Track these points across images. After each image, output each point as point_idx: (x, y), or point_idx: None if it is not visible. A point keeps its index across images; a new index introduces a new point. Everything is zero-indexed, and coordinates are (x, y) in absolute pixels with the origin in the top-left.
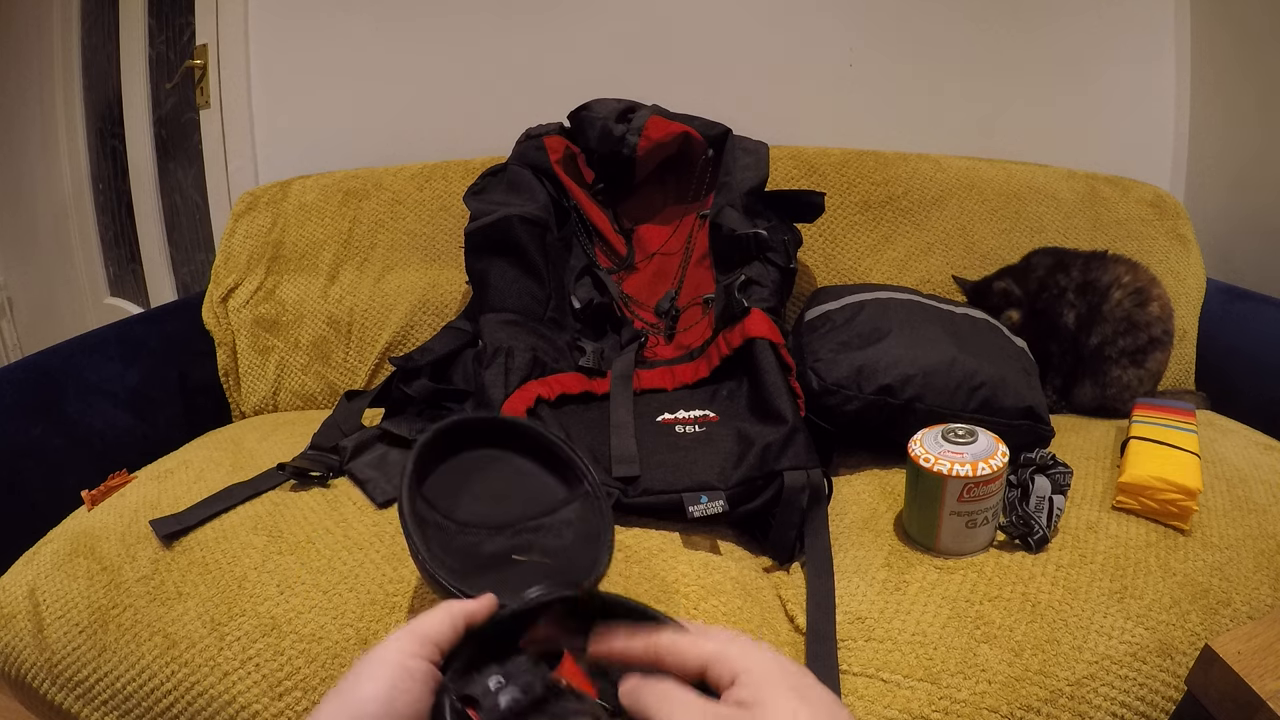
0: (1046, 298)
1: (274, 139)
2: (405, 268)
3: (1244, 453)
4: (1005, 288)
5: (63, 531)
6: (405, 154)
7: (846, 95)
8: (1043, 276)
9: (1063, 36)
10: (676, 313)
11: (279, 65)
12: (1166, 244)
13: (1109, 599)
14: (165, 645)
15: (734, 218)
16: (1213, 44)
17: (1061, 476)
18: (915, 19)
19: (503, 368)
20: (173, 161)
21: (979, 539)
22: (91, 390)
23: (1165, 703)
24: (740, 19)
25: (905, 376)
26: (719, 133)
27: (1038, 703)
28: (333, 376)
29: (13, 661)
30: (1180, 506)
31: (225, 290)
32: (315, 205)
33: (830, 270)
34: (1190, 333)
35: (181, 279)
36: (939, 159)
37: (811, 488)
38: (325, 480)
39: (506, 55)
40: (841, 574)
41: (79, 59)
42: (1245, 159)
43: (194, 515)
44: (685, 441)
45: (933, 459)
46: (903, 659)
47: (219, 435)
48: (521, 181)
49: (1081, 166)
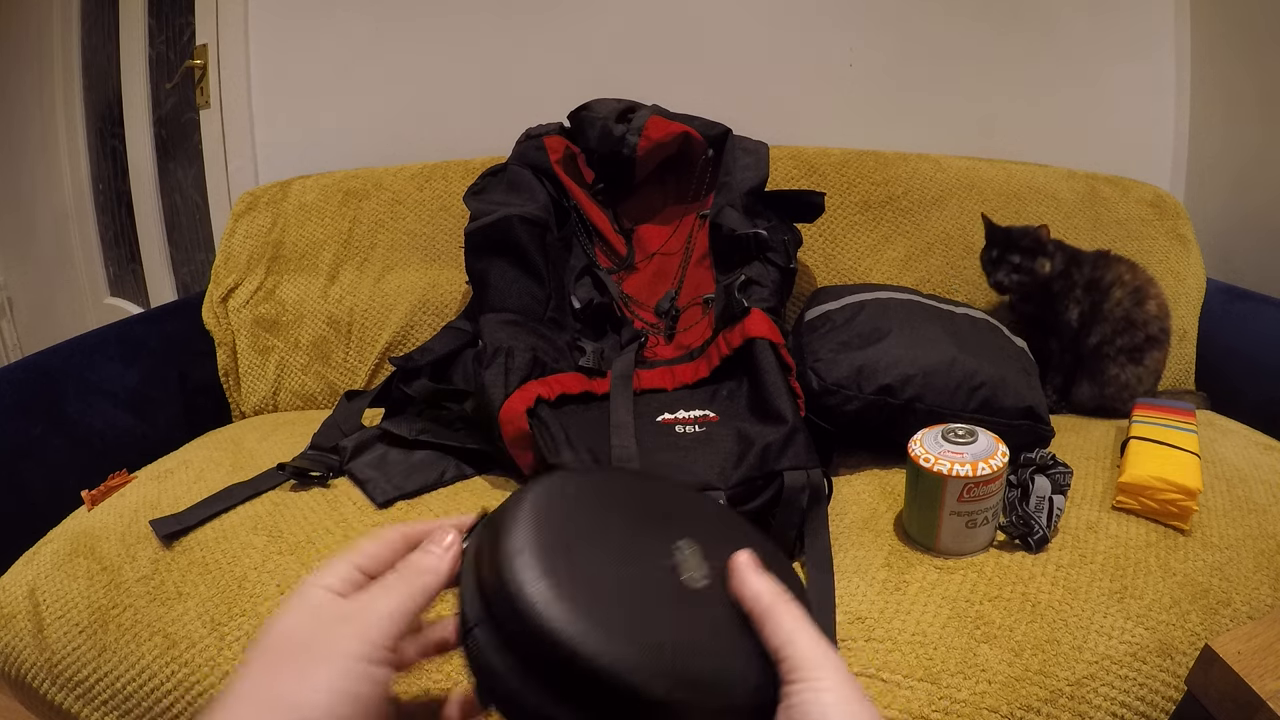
0: (1060, 287)
1: (274, 139)
2: (405, 268)
3: (1244, 453)
4: (1047, 234)
5: (63, 531)
6: (405, 154)
7: (846, 95)
8: (1062, 267)
9: (1063, 36)
10: (676, 313)
11: (279, 65)
12: (1166, 244)
13: (1109, 599)
14: (165, 645)
15: (734, 218)
16: (1213, 44)
17: (1061, 476)
18: (915, 19)
19: (503, 368)
20: (173, 161)
21: (979, 539)
22: (91, 390)
23: (1165, 703)
24: (740, 19)
25: (905, 376)
26: (719, 133)
27: (1038, 703)
28: (333, 376)
29: (13, 661)
30: (1180, 506)
31: (225, 290)
32: (315, 205)
33: (830, 270)
34: (1190, 333)
35: (181, 279)
36: (939, 159)
37: (811, 488)
38: (325, 480)
39: (506, 55)
40: (841, 574)
41: (79, 59)
42: (1245, 159)
43: (194, 515)
44: (685, 441)
45: (933, 459)
46: (903, 659)
47: (219, 435)
48: (521, 181)
49: (1081, 166)
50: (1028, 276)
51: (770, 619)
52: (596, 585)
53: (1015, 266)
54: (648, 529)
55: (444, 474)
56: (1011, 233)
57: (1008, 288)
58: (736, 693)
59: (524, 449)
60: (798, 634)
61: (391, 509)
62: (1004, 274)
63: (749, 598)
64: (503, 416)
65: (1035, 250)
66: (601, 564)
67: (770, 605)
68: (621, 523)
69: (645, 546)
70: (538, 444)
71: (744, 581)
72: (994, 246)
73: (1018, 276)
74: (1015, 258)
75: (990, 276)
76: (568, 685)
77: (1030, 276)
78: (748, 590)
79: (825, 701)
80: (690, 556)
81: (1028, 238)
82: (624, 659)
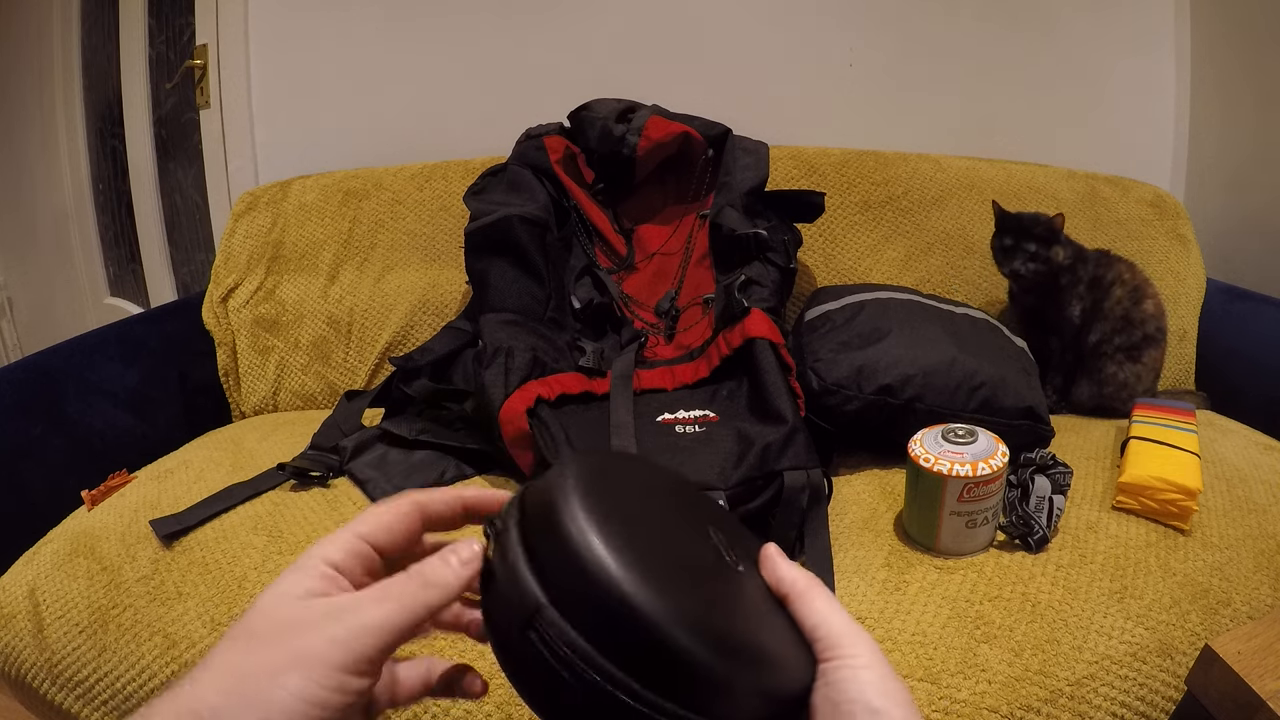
0: (1066, 281)
1: (274, 139)
2: (405, 268)
3: (1244, 453)
4: (1061, 223)
5: (63, 531)
6: (405, 154)
7: (846, 95)
8: (1070, 261)
9: (1063, 36)
10: (676, 313)
11: (279, 65)
12: (1166, 244)
13: (1109, 599)
14: (165, 645)
15: (734, 218)
16: (1213, 44)
17: (1061, 476)
18: (915, 19)
19: (503, 368)
20: (173, 161)
21: (979, 539)
22: (91, 390)
23: (1165, 703)
24: (740, 19)
25: (905, 376)
26: (719, 133)
27: (1038, 703)
28: (333, 376)
29: (13, 661)
30: (1180, 506)
31: (225, 290)
32: (315, 205)
33: (830, 270)
34: (1190, 333)
35: (181, 279)
36: (939, 159)
37: (811, 488)
38: (325, 480)
39: (506, 55)
40: (841, 574)
41: (79, 59)
42: (1245, 159)
43: (194, 515)
44: (685, 441)
45: (933, 459)
46: (903, 659)
47: (219, 435)
48: (521, 181)
49: (1081, 166)
50: (1044, 265)
51: (805, 600)
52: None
53: (1032, 255)
54: (683, 512)
55: (444, 474)
56: (1023, 219)
57: (1024, 276)
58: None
59: (524, 449)
60: (832, 614)
61: None
62: (1020, 262)
63: (785, 580)
64: (503, 416)
65: (1049, 239)
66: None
67: (806, 588)
68: (660, 504)
69: (687, 528)
70: (538, 444)
71: (777, 566)
72: (1006, 234)
73: (1034, 265)
74: (1031, 246)
75: (1004, 266)
76: (643, 660)
77: (1046, 265)
78: (784, 573)
79: (863, 680)
80: (721, 542)
81: (1040, 225)
82: (699, 635)
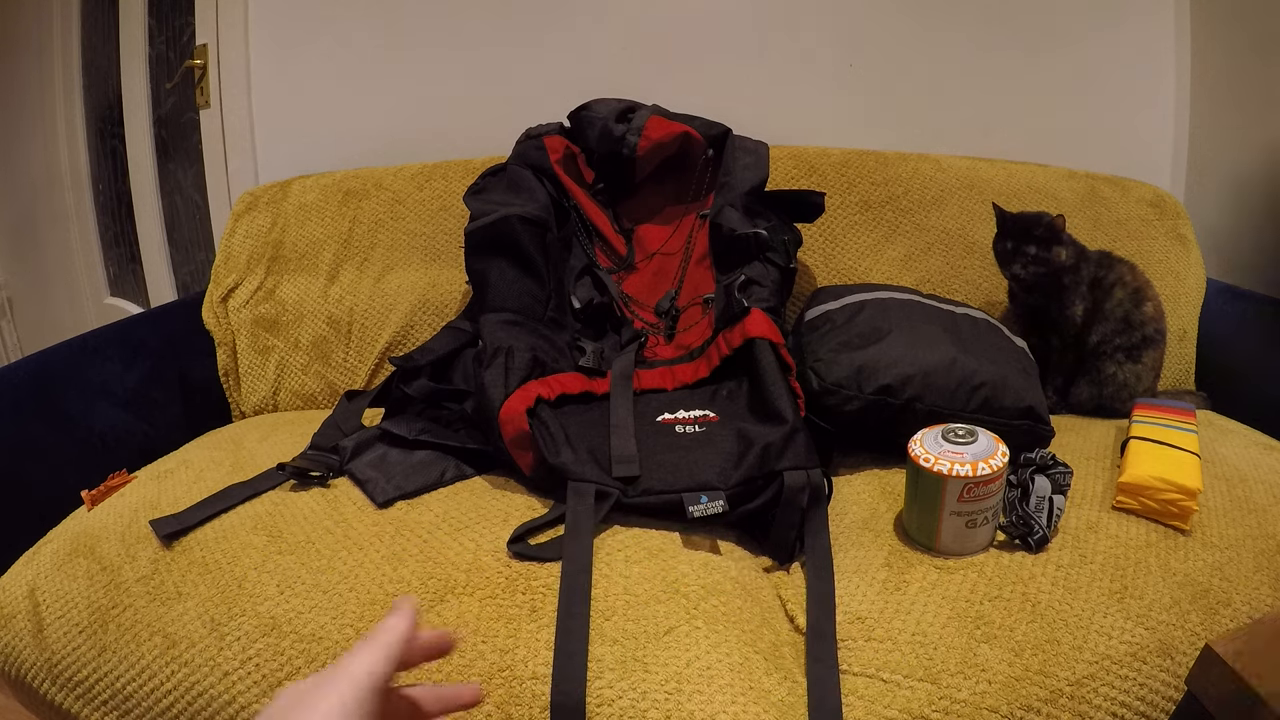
0: (1069, 280)
1: (274, 139)
2: (405, 268)
3: (1244, 453)
4: (1062, 223)
5: (63, 531)
6: (405, 154)
7: (846, 95)
8: (1073, 260)
9: (1063, 36)
10: (676, 313)
11: (279, 65)
12: (1166, 244)
13: (1109, 599)
14: (165, 645)
15: (734, 218)
16: (1213, 44)
17: (1061, 476)
18: (915, 20)
19: (503, 368)
20: (173, 161)
21: (979, 539)
22: (91, 390)
23: (1165, 703)
24: (740, 19)
25: (905, 376)
26: (719, 133)
27: (1038, 703)
28: (333, 376)
29: (13, 661)
30: (1180, 506)
31: (225, 290)
32: (315, 205)
33: (830, 270)
34: (1190, 333)
35: (181, 279)
36: (939, 159)
37: (811, 488)
38: (325, 480)
39: (506, 55)
40: (841, 574)
41: (79, 59)
42: (1245, 159)
43: (194, 515)
44: (685, 441)
45: (933, 459)
46: (903, 659)
47: (219, 435)
48: (521, 181)
49: (1081, 166)
50: (1043, 267)
51: None
52: None
53: (1031, 258)
54: None
55: (444, 474)
56: (1024, 220)
57: (1024, 279)
58: None
59: (524, 449)
60: None
61: (391, 509)
62: (1020, 266)
63: None
64: (503, 416)
65: (1050, 239)
66: None
67: None
68: None
69: None
70: (538, 444)
71: None
72: (1007, 237)
73: (1034, 268)
74: (1031, 248)
75: (1005, 269)
76: None
77: (1046, 266)
78: None
79: None
80: None
81: (1041, 226)
82: None
